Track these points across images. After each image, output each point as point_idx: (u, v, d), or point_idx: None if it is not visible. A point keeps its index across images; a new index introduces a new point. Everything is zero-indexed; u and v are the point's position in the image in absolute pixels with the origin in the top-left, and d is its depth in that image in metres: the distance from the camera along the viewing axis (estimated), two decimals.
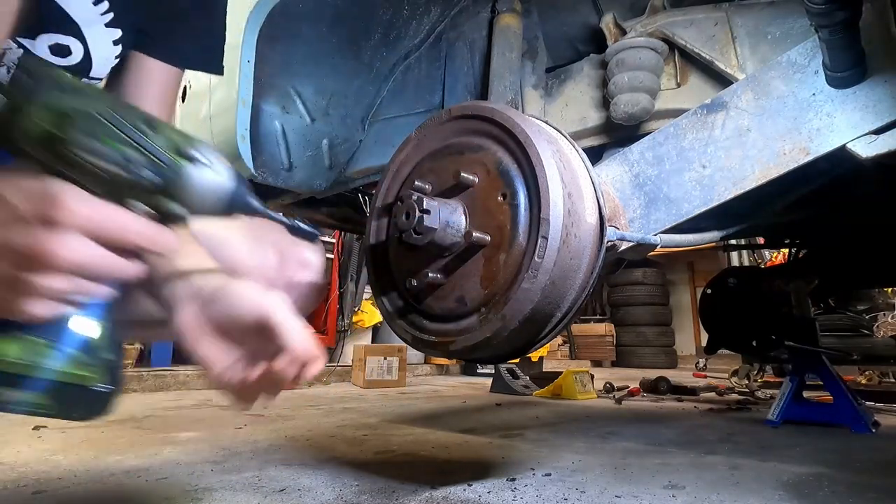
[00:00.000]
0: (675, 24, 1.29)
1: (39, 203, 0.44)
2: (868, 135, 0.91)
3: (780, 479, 1.28)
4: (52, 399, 0.51)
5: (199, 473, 1.30)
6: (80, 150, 0.44)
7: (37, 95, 0.43)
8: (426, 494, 1.14)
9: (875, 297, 3.87)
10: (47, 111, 0.43)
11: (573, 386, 3.07)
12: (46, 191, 0.45)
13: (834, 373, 2.08)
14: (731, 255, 5.02)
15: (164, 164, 0.46)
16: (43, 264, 0.44)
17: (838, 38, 0.86)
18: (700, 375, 4.78)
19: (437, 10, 1.63)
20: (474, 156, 0.93)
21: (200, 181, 0.48)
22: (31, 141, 0.44)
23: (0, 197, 0.45)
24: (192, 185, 0.47)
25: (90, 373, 0.51)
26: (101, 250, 0.46)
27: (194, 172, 0.47)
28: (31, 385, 0.49)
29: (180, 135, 0.48)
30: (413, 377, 4.83)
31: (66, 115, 0.43)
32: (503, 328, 0.85)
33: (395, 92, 1.78)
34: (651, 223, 1.09)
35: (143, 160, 0.46)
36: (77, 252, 0.45)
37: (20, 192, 0.45)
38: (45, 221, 0.44)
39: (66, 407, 0.53)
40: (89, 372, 0.51)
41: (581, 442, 1.73)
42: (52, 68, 0.45)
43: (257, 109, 1.59)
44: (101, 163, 0.45)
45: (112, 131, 0.45)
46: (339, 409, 2.62)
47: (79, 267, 0.46)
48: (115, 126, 0.45)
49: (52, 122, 0.43)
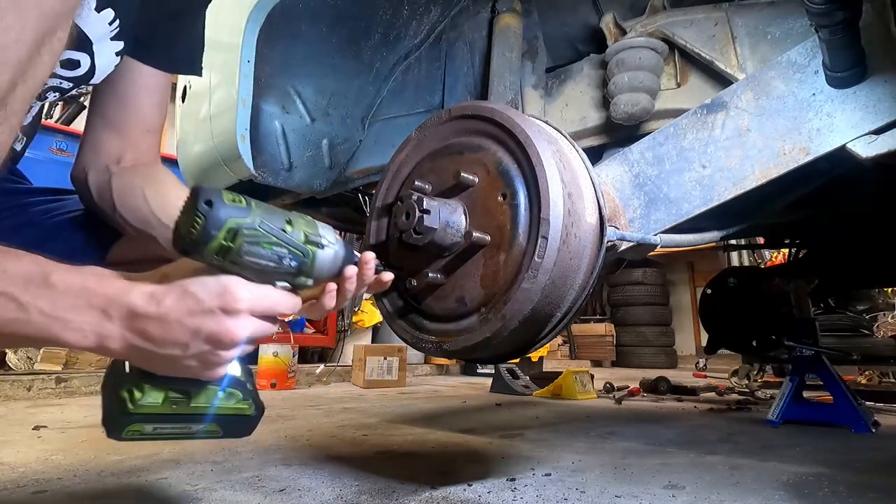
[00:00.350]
0: (675, 24, 1.29)
1: (220, 297, 0.60)
2: (868, 135, 0.91)
3: (780, 479, 1.28)
4: (220, 426, 0.74)
5: (199, 473, 1.30)
6: (246, 255, 0.60)
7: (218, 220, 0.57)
8: (426, 494, 1.14)
9: (875, 297, 3.87)
10: (224, 230, 0.58)
11: (573, 386, 3.07)
12: (224, 287, 0.60)
13: (834, 373, 2.08)
14: (731, 255, 5.01)
15: (300, 252, 0.64)
16: (228, 343, 0.61)
17: (838, 38, 0.86)
18: (700, 375, 4.78)
19: (437, 10, 1.63)
20: (474, 156, 0.93)
21: (325, 260, 0.67)
22: (212, 251, 0.59)
23: (192, 294, 0.60)
24: (319, 264, 0.66)
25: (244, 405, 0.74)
26: (261, 323, 0.63)
27: (320, 254, 0.66)
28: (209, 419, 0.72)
29: (308, 225, 0.66)
30: (413, 377, 4.83)
31: (237, 232, 0.59)
32: (503, 328, 0.85)
33: (395, 92, 1.78)
34: (651, 223, 1.09)
35: (287, 253, 0.63)
36: (248, 329, 0.62)
37: (204, 288, 0.60)
38: (227, 311, 0.60)
39: (229, 431, 0.75)
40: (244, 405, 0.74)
41: (581, 442, 1.73)
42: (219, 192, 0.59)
43: (257, 109, 1.59)
44: (261, 261, 0.62)
45: (268, 237, 0.61)
46: (339, 409, 2.62)
47: (248, 339, 0.62)
48: (269, 233, 0.61)
49: (227, 237, 0.58)
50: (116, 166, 0.95)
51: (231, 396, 0.72)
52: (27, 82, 0.57)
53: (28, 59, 0.56)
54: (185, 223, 0.58)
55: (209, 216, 0.57)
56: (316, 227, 0.66)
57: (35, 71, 0.57)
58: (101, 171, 0.95)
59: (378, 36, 1.65)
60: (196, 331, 0.60)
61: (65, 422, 2.10)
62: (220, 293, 0.60)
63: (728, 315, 2.55)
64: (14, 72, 0.55)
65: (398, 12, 1.60)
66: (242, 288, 0.61)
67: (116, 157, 0.96)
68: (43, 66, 0.58)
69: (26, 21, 0.55)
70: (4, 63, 0.54)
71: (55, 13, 0.57)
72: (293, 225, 0.64)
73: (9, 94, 0.55)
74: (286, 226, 0.63)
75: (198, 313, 0.60)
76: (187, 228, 0.57)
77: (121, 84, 0.94)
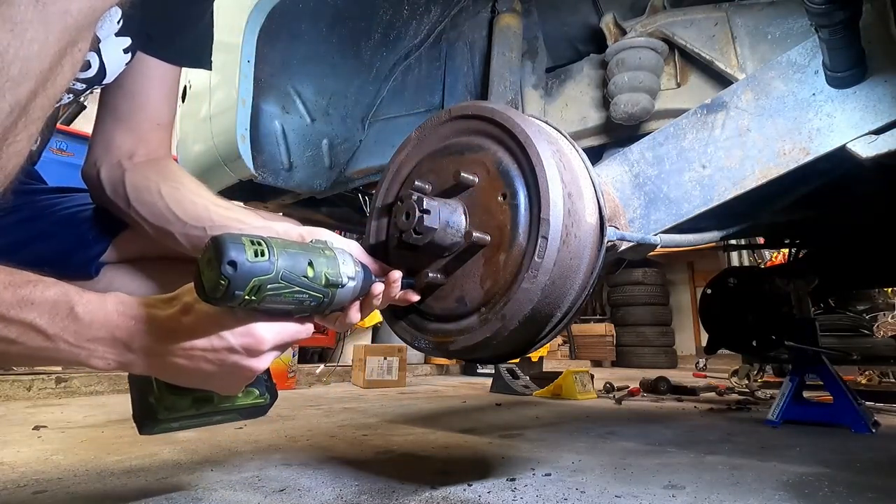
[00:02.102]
0: (675, 24, 1.29)
1: (245, 339, 0.66)
2: (868, 135, 0.91)
3: (781, 479, 1.28)
4: (239, 415, 0.90)
5: (199, 473, 1.30)
6: (268, 304, 0.63)
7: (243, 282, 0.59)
8: (426, 494, 1.14)
9: (875, 297, 3.87)
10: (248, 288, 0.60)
11: (573, 386, 3.07)
12: (250, 332, 0.66)
13: (834, 373, 2.08)
14: (731, 255, 5.02)
15: (321, 295, 0.67)
16: (251, 375, 0.70)
17: (838, 38, 0.86)
18: (700, 375, 4.78)
19: (437, 11, 1.63)
20: (474, 156, 0.93)
21: (343, 296, 0.70)
22: (237, 305, 0.62)
23: (219, 336, 0.65)
24: (338, 301, 0.70)
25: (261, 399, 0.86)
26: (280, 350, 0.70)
27: (339, 293, 0.69)
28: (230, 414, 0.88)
29: (329, 264, 0.68)
30: (413, 377, 4.83)
31: (261, 287, 0.61)
32: (503, 328, 0.84)
33: (395, 92, 1.78)
34: (651, 223, 1.09)
35: (308, 297, 0.66)
36: (269, 361, 0.69)
37: (231, 333, 0.65)
38: (252, 353, 0.67)
39: (247, 417, 0.92)
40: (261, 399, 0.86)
41: (581, 442, 1.73)
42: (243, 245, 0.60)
43: (257, 109, 1.59)
44: (281, 306, 0.65)
45: (290, 287, 0.64)
46: (339, 409, 2.62)
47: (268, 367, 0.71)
48: (291, 283, 0.64)
49: (251, 293, 0.61)
50: (129, 162, 0.95)
51: (249, 394, 0.81)
52: (47, 92, 0.58)
53: (49, 70, 0.57)
54: (209, 280, 0.59)
55: (233, 278, 0.58)
56: (337, 266, 0.68)
57: (55, 81, 0.58)
58: (113, 166, 0.95)
59: (378, 36, 1.65)
60: (220, 365, 0.66)
61: (65, 422, 2.10)
62: (244, 335, 0.65)
63: (728, 315, 2.55)
64: (36, 83, 0.56)
65: (398, 12, 1.60)
66: (266, 330, 0.66)
67: (128, 152, 0.96)
68: (63, 77, 0.60)
69: (50, 33, 0.56)
70: (26, 74, 0.55)
71: (78, 26, 0.58)
72: (314, 268, 0.66)
73: (30, 104, 0.56)
74: (308, 270, 0.65)
75: (223, 351, 0.65)
76: (212, 286, 0.59)
77: (129, 79, 0.94)
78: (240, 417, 0.87)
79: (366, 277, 0.73)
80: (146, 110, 0.97)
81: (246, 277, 0.59)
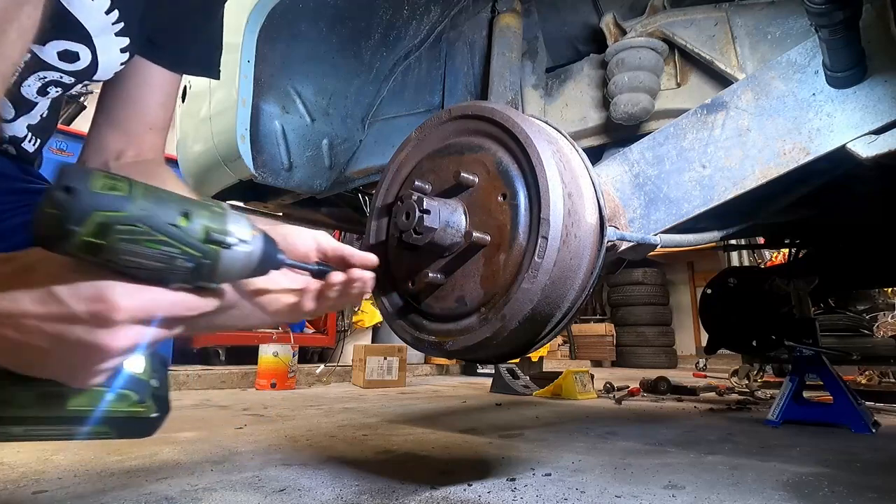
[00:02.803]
0: (675, 24, 1.29)
1: (92, 304, 0.49)
2: (868, 135, 0.91)
3: (781, 479, 1.28)
4: (109, 427, 0.64)
5: (199, 473, 1.30)
6: (124, 256, 0.48)
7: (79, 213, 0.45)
8: (426, 494, 1.14)
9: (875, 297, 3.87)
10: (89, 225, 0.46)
11: (573, 386, 3.07)
12: (99, 293, 0.49)
13: (834, 373, 2.08)
14: (731, 255, 5.01)
15: (198, 252, 0.51)
16: (101, 356, 0.51)
17: (838, 38, 0.86)
18: (700, 375, 4.78)
19: (437, 11, 1.63)
20: (474, 156, 0.93)
21: (233, 261, 0.54)
22: (76, 249, 0.47)
23: (56, 298, 0.49)
24: (222, 265, 0.53)
25: (141, 408, 0.64)
26: (151, 330, 0.52)
27: (227, 255, 0.53)
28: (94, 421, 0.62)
29: (214, 218, 0.52)
30: (413, 377, 4.83)
31: (109, 227, 0.46)
32: (503, 328, 0.84)
33: (395, 92, 1.78)
34: (651, 223, 1.09)
35: (180, 253, 0.50)
36: (130, 339, 0.51)
37: (74, 292, 0.49)
38: (101, 322, 0.49)
39: (123, 433, 0.65)
40: (141, 407, 0.64)
41: (581, 442, 1.73)
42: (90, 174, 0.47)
43: (257, 109, 1.59)
44: (145, 261, 0.49)
45: (153, 234, 0.49)
46: (339, 409, 2.62)
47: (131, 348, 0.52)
48: (155, 229, 0.49)
49: (95, 234, 0.46)
50: (115, 163, 0.94)
51: (123, 398, 0.62)
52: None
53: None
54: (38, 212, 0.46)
55: (68, 208, 0.45)
56: (224, 222, 0.53)
57: (2, 49, 0.53)
58: (100, 166, 0.95)
59: (378, 36, 1.65)
60: (58, 339, 0.50)
61: None
62: (92, 299, 0.49)
63: (728, 315, 2.55)
64: None
65: (398, 12, 1.60)
66: (122, 294, 0.50)
67: (117, 153, 0.95)
68: (11, 45, 0.53)
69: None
70: None
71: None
72: (190, 219, 0.51)
73: None
74: (180, 220, 0.50)
75: (61, 320, 0.49)
76: (41, 218, 0.45)
77: (126, 82, 0.94)
78: (112, 433, 0.64)
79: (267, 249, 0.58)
80: (140, 113, 0.96)
81: (84, 209, 0.45)
